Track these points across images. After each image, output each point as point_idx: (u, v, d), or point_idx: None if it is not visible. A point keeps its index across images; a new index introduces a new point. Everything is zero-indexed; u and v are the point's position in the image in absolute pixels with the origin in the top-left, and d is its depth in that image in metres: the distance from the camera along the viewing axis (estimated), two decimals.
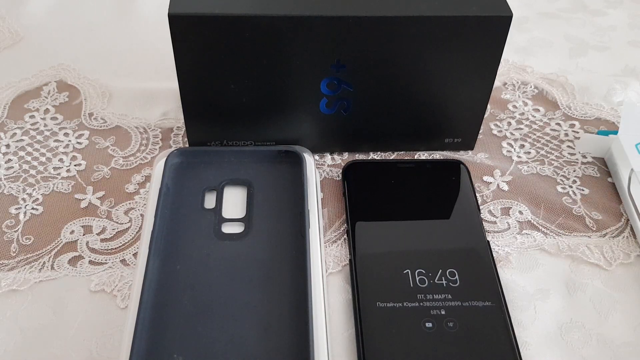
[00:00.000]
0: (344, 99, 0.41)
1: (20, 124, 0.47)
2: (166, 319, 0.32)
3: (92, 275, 0.37)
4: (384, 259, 0.36)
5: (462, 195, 0.40)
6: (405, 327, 0.33)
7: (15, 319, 0.35)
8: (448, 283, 0.35)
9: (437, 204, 0.40)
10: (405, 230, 0.38)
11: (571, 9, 0.65)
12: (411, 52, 0.39)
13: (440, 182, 0.41)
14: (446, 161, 0.43)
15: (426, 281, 0.35)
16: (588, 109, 0.51)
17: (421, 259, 0.36)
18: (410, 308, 0.34)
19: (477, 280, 0.35)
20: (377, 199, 0.40)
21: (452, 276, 0.35)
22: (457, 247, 0.37)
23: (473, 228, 0.38)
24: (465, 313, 0.34)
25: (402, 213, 0.39)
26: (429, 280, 0.35)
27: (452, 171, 0.42)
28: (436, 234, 0.38)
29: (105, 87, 0.51)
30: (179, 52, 0.38)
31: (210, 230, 0.37)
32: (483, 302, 0.34)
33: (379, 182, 0.41)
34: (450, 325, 0.33)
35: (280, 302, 0.33)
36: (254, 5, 0.37)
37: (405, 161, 0.43)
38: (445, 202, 0.40)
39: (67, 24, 0.59)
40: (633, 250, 0.40)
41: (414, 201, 0.40)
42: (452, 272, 0.35)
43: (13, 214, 0.40)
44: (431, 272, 0.35)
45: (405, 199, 0.40)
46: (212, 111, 0.42)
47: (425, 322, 0.33)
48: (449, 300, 0.34)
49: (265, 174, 0.40)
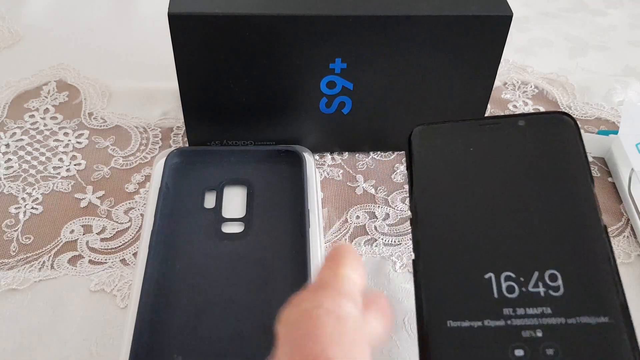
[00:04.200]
0: (343, 99, 0.41)
1: (20, 124, 0.47)
2: (166, 318, 0.32)
3: (91, 275, 0.37)
4: (459, 257, 0.26)
5: (567, 164, 0.28)
6: (487, 355, 0.24)
7: (15, 318, 0.35)
8: (547, 291, 0.25)
9: (532, 177, 0.28)
10: (488, 217, 0.27)
11: (571, 9, 0.65)
12: (411, 52, 0.39)
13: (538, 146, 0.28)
14: (545, 115, 0.29)
15: (516, 289, 0.25)
16: (588, 109, 0.51)
17: (509, 257, 0.26)
18: (493, 328, 0.24)
19: (589, 287, 0.24)
20: (454, 175, 0.29)
21: (553, 281, 0.25)
22: (560, 238, 0.26)
23: (584, 209, 0.26)
24: (571, 334, 0.23)
25: (486, 192, 0.28)
26: (520, 287, 0.25)
27: (554, 129, 0.29)
28: (532, 220, 0.26)
29: (105, 86, 0.51)
30: (179, 52, 0.38)
31: (210, 230, 0.37)
32: (597, 318, 0.24)
33: (456, 151, 0.29)
34: (550, 352, 0.23)
35: (280, 302, 0.33)
36: (254, 5, 0.37)
37: (489, 119, 0.30)
38: (544, 174, 0.28)
39: (67, 24, 0.59)
40: (633, 250, 0.40)
41: (501, 174, 0.28)
42: (553, 275, 0.25)
43: (13, 213, 0.40)
44: (523, 276, 0.25)
45: (490, 172, 0.28)
46: (212, 111, 0.42)
47: (515, 348, 0.24)
48: (549, 317, 0.24)
49: (265, 174, 0.40)
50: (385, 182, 0.44)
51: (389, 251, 0.39)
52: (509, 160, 0.28)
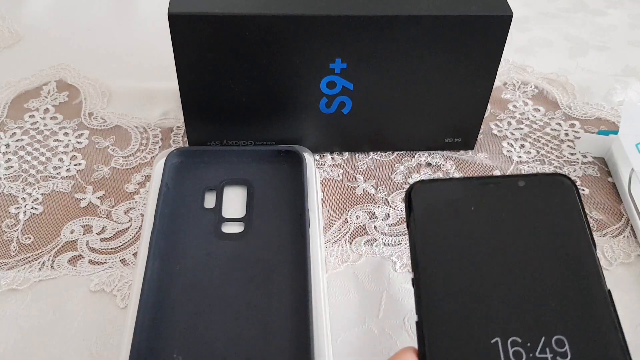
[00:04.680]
0: (343, 99, 0.41)
1: (20, 124, 0.47)
2: (166, 318, 0.32)
3: (91, 275, 0.37)
4: (465, 321, 0.25)
5: (568, 227, 0.28)
6: None
7: (15, 318, 0.35)
8: (555, 357, 0.24)
9: (534, 239, 0.28)
10: (492, 280, 0.26)
11: (571, 9, 0.65)
12: (411, 52, 0.39)
13: (539, 207, 0.28)
14: (545, 176, 0.29)
15: (524, 355, 0.24)
16: (588, 109, 0.51)
17: (516, 322, 0.25)
18: None
19: (597, 353, 0.24)
20: (455, 235, 0.28)
21: (560, 347, 0.25)
22: (565, 302, 0.26)
23: (587, 273, 0.26)
24: None
25: (488, 254, 0.27)
26: (528, 353, 0.24)
27: (554, 190, 0.29)
28: (536, 283, 0.26)
29: (105, 86, 0.51)
30: (179, 52, 0.38)
31: (210, 230, 0.37)
32: None
33: (457, 210, 0.29)
34: None
35: (281, 302, 0.33)
36: (254, 5, 0.37)
37: (490, 178, 0.30)
38: (547, 236, 0.28)
39: (67, 24, 0.59)
40: (633, 250, 0.40)
41: (503, 236, 0.28)
42: (559, 340, 0.25)
43: (13, 213, 0.40)
44: (530, 342, 0.25)
45: (492, 233, 0.28)
46: (212, 111, 0.42)
47: None
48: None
49: (265, 174, 0.40)
50: (385, 182, 0.44)
51: (389, 251, 0.39)
52: (511, 222, 0.28)
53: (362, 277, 0.38)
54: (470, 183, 0.29)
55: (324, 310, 0.33)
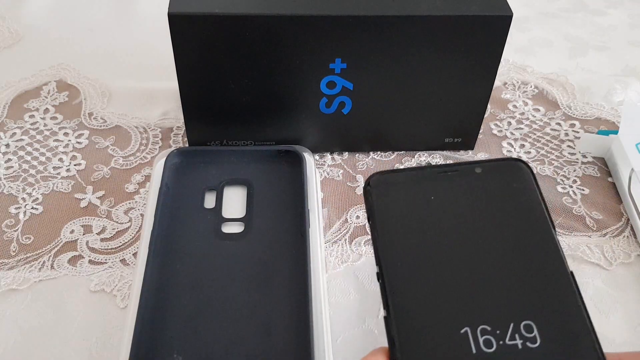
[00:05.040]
0: (343, 99, 0.41)
1: (20, 124, 0.47)
2: (166, 319, 0.32)
3: (92, 275, 0.37)
4: (433, 312, 0.25)
5: (527, 211, 0.28)
6: None
7: (15, 318, 0.35)
8: (525, 343, 0.24)
9: (495, 226, 0.27)
10: (455, 269, 0.26)
11: (571, 9, 0.65)
12: (411, 52, 0.39)
13: (497, 193, 0.28)
14: (500, 162, 0.29)
15: (494, 343, 0.24)
16: (588, 109, 0.51)
17: (484, 310, 0.25)
18: None
19: (565, 336, 0.24)
20: (417, 226, 0.28)
21: (529, 332, 0.24)
22: (530, 287, 0.25)
23: (549, 256, 0.26)
24: None
25: (450, 243, 0.27)
26: (498, 341, 0.24)
27: (510, 175, 0.29)
28: (500, 270, 0.26)
29: (105, 87, 0.51)
30: (179, 52, 0.38)
31: (210, 230, 0.37)
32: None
33: (417, 201, 0.28)
34: None
35: (281, 302, 0.33)
36: (254, 5, 0.37)
37: (446, 167, 0.29)
38: (507, 222, 0.27)
39: (67, 24, 0.59)
40: (633, 249, 0.40)
41: (464, 224, 0.28)
42: (528, 325, 0.24)
43: (13, 213, 0.40)
44: (500, 329, 0.24)
45: (452, 222, 0.28)
46: (212, 111, 0.42)
47: None
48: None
49: (265, 174, 0.40)
50: None
51: None
52: (470, 209, 0.28)
53: (362, 277, 0.38)
54: (428, 172, 0.29)
55: (324, 310, 0.33)
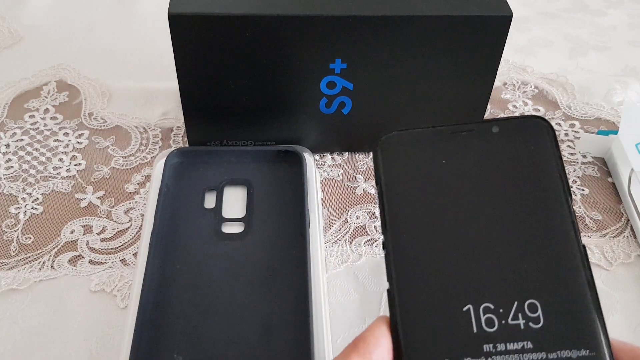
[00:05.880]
0: (343, 99, 0.41)
1: (20, 124, 0.47)
2: (166, 319, 0.32)
3: (92, 275, 0.37)
4: (437, 287, 0.24)
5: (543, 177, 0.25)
6: None
7: (15, 318, 0.35)
8: (527, 323, 0.23)
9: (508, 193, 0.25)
10: (464, 241, 0.25)
11: (571, 9, 0.65)
12: (411, 52, 0.39)
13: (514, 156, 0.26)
14: (520, 120, 0.26)
15: (496, 322, 0.23)
16: (588, 109, 0.51)
17: (488, 286, 0.24)
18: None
19: (569, 317, 0.23)
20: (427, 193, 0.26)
21: (532, 312, 0.23)
22: (538, 262, 0.24)
23: (561, 228, 0.24)
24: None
25: (461, 212, 0.25)
26: (500, 320, 0.23)
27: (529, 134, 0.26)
28: (510, 242, 0.24)
29: (105, 87, 0.51)
30: (179, 52, 0.38)
31: (210, 230, 0.37)
32: (578, 352, 0.22)
33: (429, 164, 0.26)
34: None
35: (281, 302, 0.33)
36: (254, 5, 0.37)
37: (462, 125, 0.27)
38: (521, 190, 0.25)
39: (67, 24, 0.59)
40: (633, 250, 0.40)
41: (477, 192, 0.25)
42: (532, 304, 0.23)
43: (13, 213, 0.40)
44: (503, 307, 0.23)
45: (465, 189, 0.26)
46: (212, 111, 0.42)
47: None
48: (529, 352, 0.22)
49: (265, 174, 0.40)
50: None
51: None
52: (483, 175, 0.26)
53: (362, 277, 0.38)
54: (442, 131, 0.27)
55: (324, 310, 0.33)
